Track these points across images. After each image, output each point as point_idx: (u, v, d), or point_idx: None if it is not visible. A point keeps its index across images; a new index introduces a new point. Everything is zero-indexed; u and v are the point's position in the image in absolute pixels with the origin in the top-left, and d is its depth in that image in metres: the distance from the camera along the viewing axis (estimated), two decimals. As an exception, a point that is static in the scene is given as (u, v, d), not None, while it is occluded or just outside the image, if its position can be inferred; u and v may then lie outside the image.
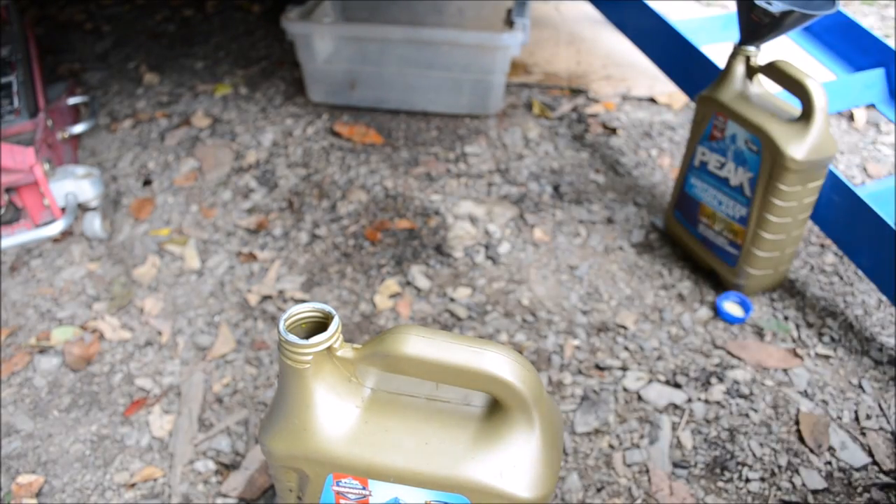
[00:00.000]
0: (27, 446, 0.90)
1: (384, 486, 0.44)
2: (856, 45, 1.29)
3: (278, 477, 0.47)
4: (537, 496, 0.43)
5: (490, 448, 0.43)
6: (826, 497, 0.81)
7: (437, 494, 0.44)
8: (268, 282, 1.12)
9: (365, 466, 0.43)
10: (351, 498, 0.45)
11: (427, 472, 0.43)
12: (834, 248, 1.14)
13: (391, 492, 0.44)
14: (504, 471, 0.43)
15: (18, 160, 1.04)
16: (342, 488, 0.45)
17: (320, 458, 0.43)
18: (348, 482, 0.44)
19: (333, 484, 0.45)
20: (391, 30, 1.40)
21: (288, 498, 0.48)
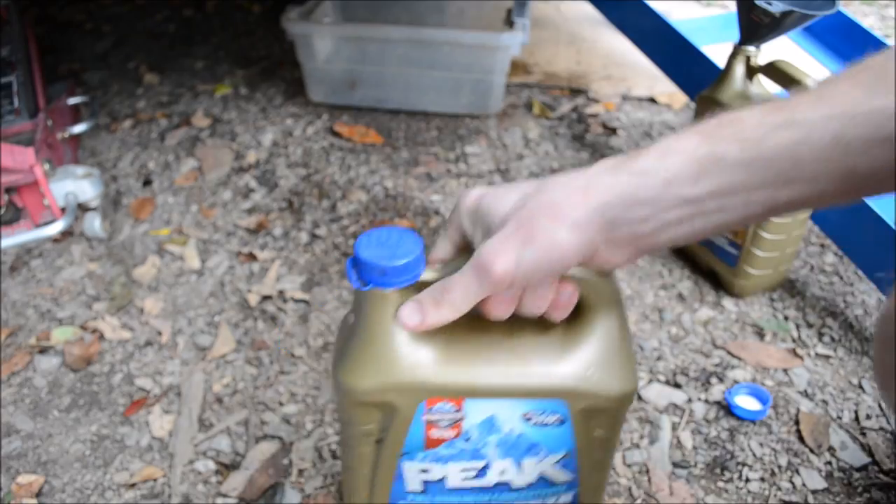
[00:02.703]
0: (27, 446, 0.90)
1: (479, 405, 0.42)
2: (856, 45, 1.29)
3: (354, 419, 0.43)
4: (627, 390, 0.44)
5: (578, 347, 0.42)
6: (826, 497, 0.81)
7: (535, 404, 0.43)
8: (268, 282, 1.12)
9: (462, 386, 0.41)
10: (443, 425, 0.42)
11: (523, 381, 0.42)
12: (834, 248, 1.14)
13: (486, 410, 0.42)
14: (595, 368, 0.42)
15: (18, 160, 1.04)
16: (434, 415, 0.42)
17: (413, 384, 0.41)
18: (441, 407, 0.42)
19: (425, 413, 0.42)
20: (391, 30, 1.40)
21: (363, 445, 0.44)
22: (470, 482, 0.45)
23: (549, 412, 0.43)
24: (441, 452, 0.44)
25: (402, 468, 0.45)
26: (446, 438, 0.43)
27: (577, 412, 0.43)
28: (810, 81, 0.89)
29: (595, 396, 0.42)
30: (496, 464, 0.45)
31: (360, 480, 0.46)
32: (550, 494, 0.47)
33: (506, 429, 0.43)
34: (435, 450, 0.44)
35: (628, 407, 0.46)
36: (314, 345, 1.01)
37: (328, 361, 0.99)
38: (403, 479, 0.45)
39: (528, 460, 0.44)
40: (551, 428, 0.44)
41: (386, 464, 0.44)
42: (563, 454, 0.45)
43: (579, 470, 0.46)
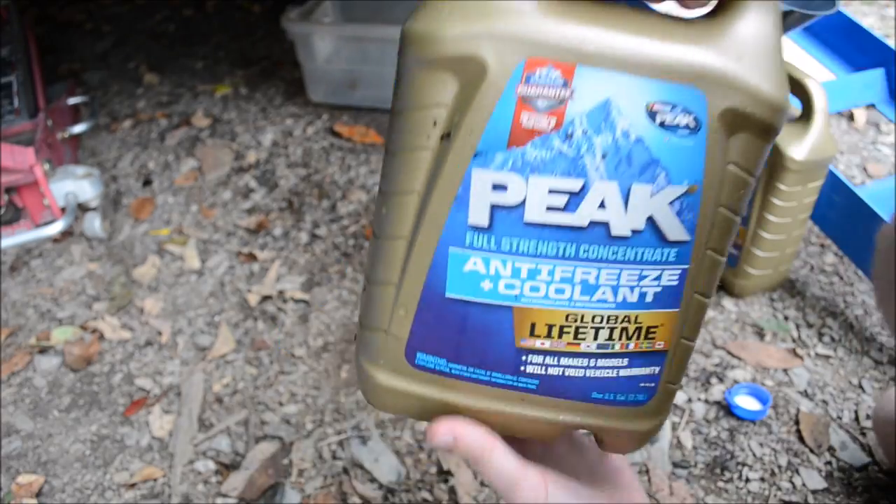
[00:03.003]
0: (27, 446, 0.90)
1: (595, 81, 0.32)
2: (856, 45, 1.29)
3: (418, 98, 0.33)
4: (779, 98, 0.33)
5: (725, 35, 0.33)
6: (826, 497, 0.81)
7: (667, 90, 0.32)
8: (268, 282, 1.12)
9: (576, 44, 0.31)
10: (542, 106, 0.32)
11: (657, 50, 0.32)
12: (834, 248, 1.14)
13: (603, 90, 0.32)
14: (746, 59, 0.32)
15: (18, 160, 1.04)
16: (533, 87, 0.32)
17: (515, 33, 0.31)
18: (546, 73, 0.32)
19: (521, 82, 0.31)
20: (391, 30, 1.40)
21: (422, 143, 0.33)
22: (556, 216, 0.33)
23: (681, 108, 0.32)
24: (529, 155, 0.32)
25: (470, 179, 0.33)
26: (541, 131, 0.32)
27: (718, 115, 0.32)
28: (810, 81, 0.89)
29: (744, 90, 0.32)
30: (597, 185, 0.33)
31: (407, 202, 0.34)
32: (654, 264, 0.34)
33: (622, 126, 0.32)
34: (522, 149, 0.32)
35: (775, 132, 0.34)
36: (314, 345, 1.01)
37: (328, 361, 0.99)
38: (468, 203, 0.33)
39: (640, 188, 0.33)
40: (680, 138, 0.32)
41: (451, 167, 0.33)
42: (686, 188, 0.33)
43: (697, 233, 0.34)
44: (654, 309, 0.36)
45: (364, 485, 0.83)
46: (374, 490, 0.82)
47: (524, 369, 0.36)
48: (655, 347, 0.37)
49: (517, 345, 0.36)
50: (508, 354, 0.36)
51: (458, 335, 0.36)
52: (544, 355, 0.36)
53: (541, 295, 0.35)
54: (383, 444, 0.87)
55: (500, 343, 0.36)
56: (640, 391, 0.38)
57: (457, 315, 0.35)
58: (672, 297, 0.36)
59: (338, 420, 0.91)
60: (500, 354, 0.36)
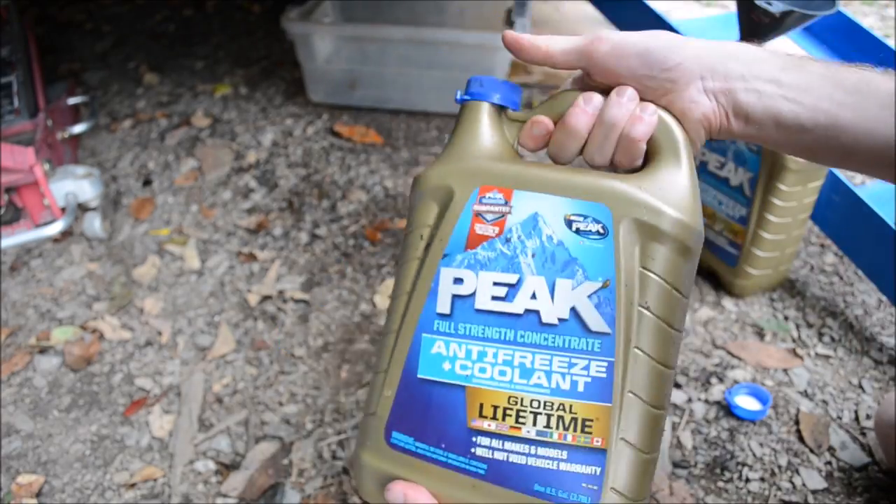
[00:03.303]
0: (27, 446, 0.90)
1: (526, 201, 0.44)
2: (856, 45, 1.29)
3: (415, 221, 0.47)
4: (686, 220, 0.42)
5: (634, 178, 0.43)
6: (826, 497, 0.81)
7: (579, 206, 0.43)
8: (268, 282, 1.12)
9: (513, 175, 0.44)
10: (489, 218, 0.44)
11: (572, 179, 0.43)
12: (834, 248, 1.14)
13: (532, 206, 0.43)
14: (648, 187, 0.42)
15: (18, 160, 1.04)
16: (483, 206, 0.44)
17: (472, 168, 0.45)
18: (493, 196, 0.44)
19: (476, 202, 0.44)
20: (391, 30, 1.40)
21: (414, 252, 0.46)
22: (498, 304, 0.42)
23: (592, 219, 0.42)
24: (479, 255, 0.44)
25: (440, 276, 0.44)
26: (488, 236, 0.44)
27: (621, 225, 0.42)
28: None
29: (647, 206, 0.42)
30: (529, 280, 0.42)
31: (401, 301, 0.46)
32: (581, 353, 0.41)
33: (546, 233, 0.43)
34: (475, 251, 0.44)
35: (690, 253, 0.43)
36: (314, 345, 1.01)
37: (328, 361, 0.99)
38: (437, 294, 0.44)
39: (563, 282, 0.42)
40: (592, 241, 0.42)
41: (428, 268, 0.45)
42: (601, 283, 0.41)
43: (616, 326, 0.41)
44: (586, 400, 0.41)
45: (364, 485, 0.83)
46: (374, 490, 0.83)
47: (475, 451, 0.42)
48: (593, 444, 0.40)
49: (469, 425, 0.42)
50: (461, 434, 0.42)
51: (424, 414, 0.43)
52: (491, 438, 0.42)
53: (487, 376, 0.42)
54: (383, 444, 0.87)
55: (455, 422, 0.42)
56: (582, 492, 0.40)
57: (424, 394, 0.43)
58: (602, 391, 0.41)
59: (338, 420, 0.91)
60: (454, 434, 0.42)
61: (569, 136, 0.45)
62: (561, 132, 0.46)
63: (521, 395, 0.41)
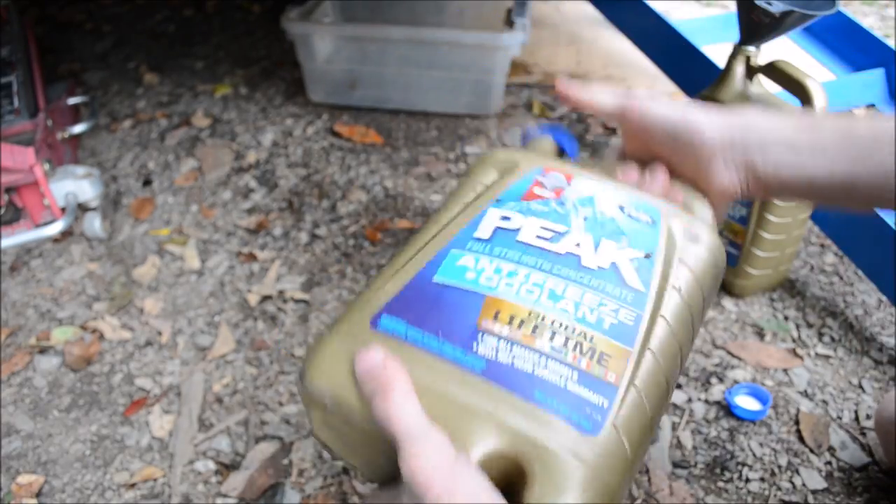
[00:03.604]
0: (27, 446, 0.90)
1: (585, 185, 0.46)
2: (856, 45, 1.29)
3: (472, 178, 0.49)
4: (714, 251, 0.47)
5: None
6: (826, 497, 0.81)
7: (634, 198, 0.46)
8: (268, 282, 1.12)
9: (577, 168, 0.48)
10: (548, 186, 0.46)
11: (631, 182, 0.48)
12: (834, 248, 1.14)
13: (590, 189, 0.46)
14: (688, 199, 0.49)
15: (18, 160, 1.04)
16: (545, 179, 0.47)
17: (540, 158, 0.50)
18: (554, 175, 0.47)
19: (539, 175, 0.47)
20: (391, 30, 1.40)
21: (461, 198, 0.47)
22: (542, 242, 0.42)
23: (643, 210, 0.45)
24: (532, 206, 0.44)
25: (486, 212, 0.44)
26: (545, 197, 0.45)
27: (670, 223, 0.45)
28: (810, 81, 0.89)
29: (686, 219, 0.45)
30: (576, 233, 0.43)
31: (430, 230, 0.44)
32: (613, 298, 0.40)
33: (600, 208, 0.45)
34: (528, 203, 0.45)
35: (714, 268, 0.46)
36: (314, 345, 1.01)
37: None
38: (478, 224, 0.44)
39: (608, 242, 0.43)
40: (641, 225, 0.44)
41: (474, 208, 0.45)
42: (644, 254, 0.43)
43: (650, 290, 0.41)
44: (609, 337, 0.39)
45: (364, 485, 0.83)
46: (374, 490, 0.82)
47: (476, 348, 0.38)
48: (606, 377, 0.38)
49: (477, 324, 0.39)
50: (466, 330, 0.38)
51: (428, 306, 0.40)
52: (499, 339, 0.38)
53: (513, 291, 0.40)
54: (383, 444, 0.87)
55: (463, 319, 0.39)
56: (586, 417, 0.36)
57: (435, 293, 0.40)
58: (626, 334, 0.39)
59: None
60: (458, 327, 0.39)
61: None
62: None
63: (544, 312, 0.39)
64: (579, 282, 0.40)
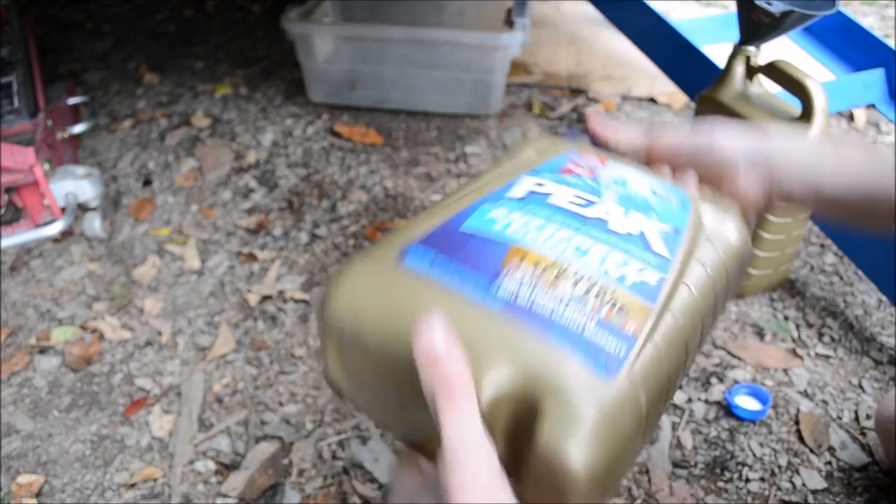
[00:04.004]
0: (27, 446, 0.90)
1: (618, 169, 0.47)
2: (856, 45, 1.29)
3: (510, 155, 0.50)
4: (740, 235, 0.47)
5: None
6: (826, 497, 0.81)
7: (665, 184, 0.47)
8: (268, 282, 1.12)
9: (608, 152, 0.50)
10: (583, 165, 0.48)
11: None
12: (834, 248, 1.14)
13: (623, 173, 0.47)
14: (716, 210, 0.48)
15: (18, 160, 1.04)
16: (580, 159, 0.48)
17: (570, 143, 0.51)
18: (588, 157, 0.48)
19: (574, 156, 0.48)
20: (391, 30, 1.40)
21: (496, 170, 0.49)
22: (573, 206, 0.44)
23: (674, 193, 0.46)
24: (567, 178, 0.46)
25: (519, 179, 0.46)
26: (580, 174, 0.47)
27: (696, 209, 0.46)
28: (810, 81, 0.89)
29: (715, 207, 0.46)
30: (607, 203, 0.44)
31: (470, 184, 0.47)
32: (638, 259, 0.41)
33: (631, 189, 0.46)
34: (564, 175, 0.47)
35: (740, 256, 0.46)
36: (314, 345, 1.01)
37: (328, 361, 0.99)
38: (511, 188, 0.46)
39: (637, 215, 0.44)
40: (671, 206, 0.45)
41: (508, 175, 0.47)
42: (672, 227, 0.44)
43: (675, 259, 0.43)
44: (631, 292, 0.40)
45: (364, 485, 0.83)
46: (374, 490, 0.82)
47: (497, 287, 0.38)
48: (625, 328, 0.38)
49: (501, 265, 0.40)
50: (489, 269, 0.39)
51: (454, 248, 0.41)
52: (520, 283, 0.39)
53: (539, 242, 0.41)
54: (383, 444, 0.87)
55: (488, 260, 0.40)
56: (602, 361, 0.36)
57: (462, 238, 0.42)
58: (649, 292, 0.40)
59: (338, 420, 0.91)
60: (482, 267, 0.40)
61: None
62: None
63: (568, 264, 0.40)
64: (606, 242, 0.41)
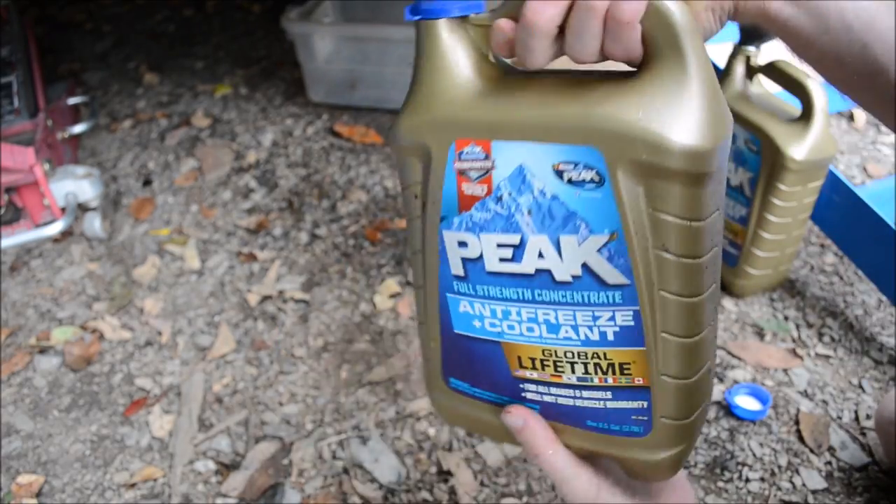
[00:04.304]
0: (27, 446, 0.90)
1: (508, 153, 0.37)
2: (856, 45, 1.29)
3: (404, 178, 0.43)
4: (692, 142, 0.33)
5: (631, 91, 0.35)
6: (826, 497, 0.81)
7: (566, 152, 0.36)
8: (268, 282, 1.12)
9: (487, 123, 0.38)
10: (473, 177, 0.39)
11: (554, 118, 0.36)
12: (834, 248, 1.14)
13: (515, 158, 0.37)
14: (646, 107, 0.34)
15: (18, 160, 1.04)
16: (464, 163, 0.39)
17: (443, 119, 0.39)
18: (471, 150, 0.38)
19: (456, 159, 0.39)
20: (391, 30, 1.40)
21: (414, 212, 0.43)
22: (507, 266, 0.39)
23: (583, 166, 0.36)
24: (475, 217, 0.40)
25: (443, 239, 0.41)
26: (478, 196, 0.39)
27: (619, 169, 0.35)
28: (810, 81, 0.89)
29: (642, 144, 0.34)
30: (532, 239, 0.38)
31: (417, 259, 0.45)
32: (604, 305, 0.37)
33: (537, 186, 0.37)
34: (469, 213, 0.40)
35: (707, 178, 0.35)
36: (314, 345, 1.01)
37: (328, 361, 0.99)
38: (447, 257, 0.42)
39: (567, 239, 0.37)
40: (589, 192, 0.36)
41: (430, 232, 0.42)
42: (608, 236, 0.36)
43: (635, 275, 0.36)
44: (619, 347, 0.39)
45: (364, 485, 0.83)
46: (374, 490, 0.83)
47: (525, 395, 0.43)
48: (635, 383, 0.40)
49: (513, 374, 0.43)
50: (509, 382, 0.43)
51: (469, 364, 0.44)
52: (537, 384, 0.42)
53: (517, 332, 0.41)
54: (383, 444, 0.87)
55: (501, 372, 0.43)
56: (633, 423, 0.41)
57: (465, 347, 0.44)
58: (633, 337, 0.38)
59: (338, 420, 0.91)
60: (503, 381, 0.43)
61: (531, 34, 0.37)
62: (521, 31, 0.37)
63: (553, 347, 0.41)
64: (564, 302, 0.39)
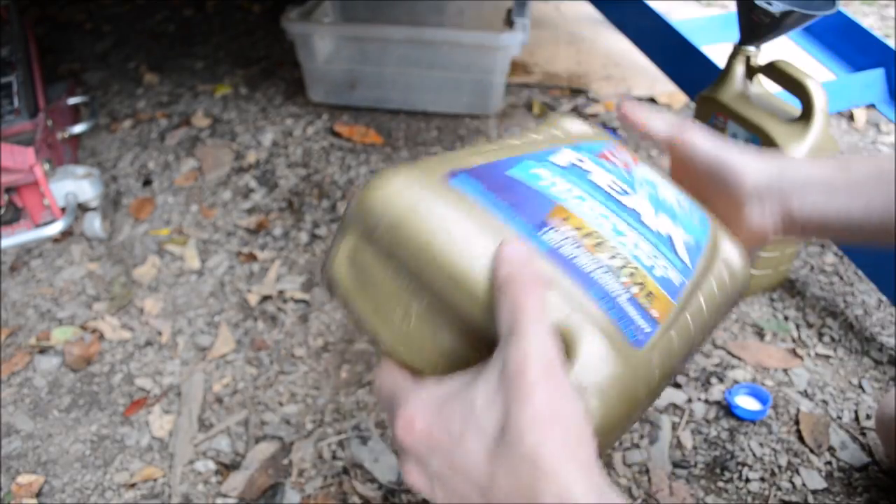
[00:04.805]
0: (27, 446, 0.90)
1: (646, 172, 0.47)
2: (856, 45, 1.29)
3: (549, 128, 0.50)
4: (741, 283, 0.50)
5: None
6: (826, 497, 0.81)
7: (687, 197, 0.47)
8: (268, 282, 1.12)
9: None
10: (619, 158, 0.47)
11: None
12: (834, 248, 1.14)
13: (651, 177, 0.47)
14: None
15: (18, 160, 1.04)
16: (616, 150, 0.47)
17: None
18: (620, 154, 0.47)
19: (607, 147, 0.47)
20: (391, 30, 1.40)
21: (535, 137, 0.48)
22: (611, 190, 0.43)
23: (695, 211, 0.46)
24: (604, 163, 0.45)
25: (560, 150, 0.45)
26: (615, 163, 0.46)
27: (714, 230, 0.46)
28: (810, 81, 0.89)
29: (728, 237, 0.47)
30: (640, 198, 0.44)
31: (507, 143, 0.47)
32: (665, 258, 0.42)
33: (661, 191, 0.46)
34: (601, 159, 0.45)
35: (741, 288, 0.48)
36: (314, 345, 1.01)
37: (328, 361, 0.99)
38: (554, 153, 0.44)
39: (664, 217, 0.44)
40: (692, 220, 0.46)
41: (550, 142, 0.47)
42: (694, 239, 0.44)
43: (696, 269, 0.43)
44: (658, 283, 0.41)
45: (364, 485, 0.83)
46: (374, 490, 0.83)
47: (542, 235, 0.38)
48: (651, 312, 0.39)
49: (546, 217, 0.39)
50: (535, 216, 0.39)
51: (501, 184, 0.40)
52: (564, 237, 0.39)
53: (582, 210, 0.40)
54: (383, 444, 0.87)
55: (534, 208, 0.39)
56: (631, 332, 0.38)
57: (509, 181, 0.40)
58: (672, 291, 0.41)
59: (338, 420, 0.91)
60: (528, 212, 0.39)
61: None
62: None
63: (608, 237, 0.40)
64: (639, 231, 0.42)
